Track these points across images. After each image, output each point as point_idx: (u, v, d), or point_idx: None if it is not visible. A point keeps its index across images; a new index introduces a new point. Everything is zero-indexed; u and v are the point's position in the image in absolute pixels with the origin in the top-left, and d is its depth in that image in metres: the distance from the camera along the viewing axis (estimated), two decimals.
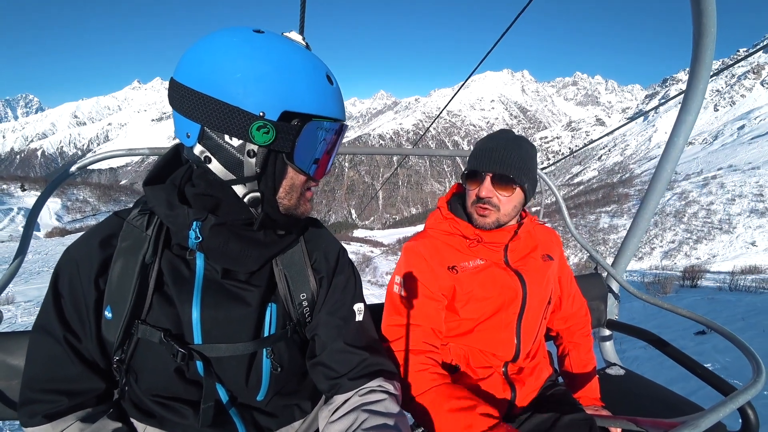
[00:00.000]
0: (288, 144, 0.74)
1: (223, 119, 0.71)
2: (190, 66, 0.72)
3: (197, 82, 0.71)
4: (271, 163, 0.76)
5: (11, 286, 9.73)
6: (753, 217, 52.40)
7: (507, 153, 1.15)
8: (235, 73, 0.70)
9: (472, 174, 1.21)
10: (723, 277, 11.03)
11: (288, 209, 0.83)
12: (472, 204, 1.21)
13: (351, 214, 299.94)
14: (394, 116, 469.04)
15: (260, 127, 0.70)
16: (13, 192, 41.71)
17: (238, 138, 0.73)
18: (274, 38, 0.75)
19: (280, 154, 0.76)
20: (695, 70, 1.42)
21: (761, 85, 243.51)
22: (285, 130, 0.72)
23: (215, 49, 0.71)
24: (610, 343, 1.96)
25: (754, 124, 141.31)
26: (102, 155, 1.53)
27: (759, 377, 0.93)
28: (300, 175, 0.80)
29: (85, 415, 0.80)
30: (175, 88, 0.73)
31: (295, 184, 0.81)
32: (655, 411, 1.46)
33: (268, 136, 0.71)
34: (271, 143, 0.72)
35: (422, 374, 1.09)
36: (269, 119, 0.71)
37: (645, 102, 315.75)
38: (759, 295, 8.02)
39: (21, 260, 1.40)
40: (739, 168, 70.62)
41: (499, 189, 1.17)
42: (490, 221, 1.19)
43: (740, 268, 12.90)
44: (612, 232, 63.50)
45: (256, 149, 0.74)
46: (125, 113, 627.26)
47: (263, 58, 0.71)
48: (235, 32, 0.73)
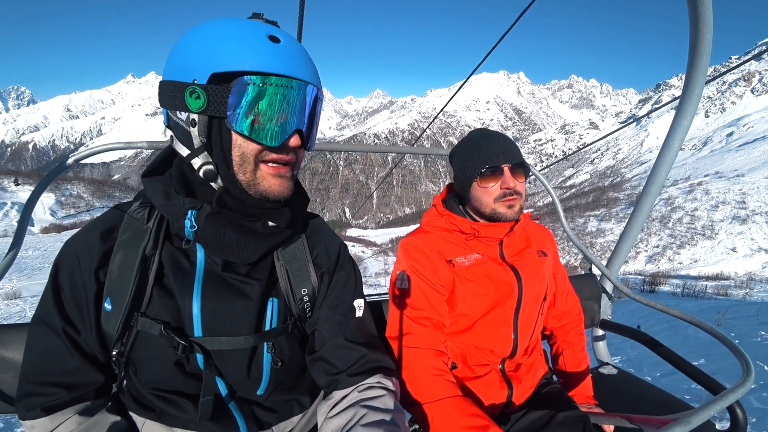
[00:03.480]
0: (222, 107, 0.71)
1: (168, 95, 0.74)
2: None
3: (164, 73, 0.76)
4: (216, 132, 0.75)
5: (15, 282, 9.90)
6: (735, 224, 53.43)
7: (510, 144, 1.21)
8: (176, 53, 0.74)
9: (490, 170, 1.19)
10: (688, 282, 11.59)
11: (248, 185, 0.78)
12: (497, 200, 1.20)
13: (345, 212, 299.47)
14: (389, 115, 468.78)
15: (191, 92, 0.70)
16: (7, 186, 41.05)
17: (181, 110, 0.74)
18: (217, 18, 0.76)
19: (222, 121, 0.73)
20: (691, 74, 1.44)
21: (751, 93, 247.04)
22: (215, 92, 0.70)
23: (180, 40, 0.75)
24: (603, 343, 1.98)
25: (743, 131, 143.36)
26: (99, 148, 1.52)
27: (748, 377, 0.94)
28: (249, 142, 0.75)
29: (83, 409, 0.79)
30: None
31: (246, 153, 0.75)
32: (647, 409, 1.48)
33: (200, 101, 0.70)
34: (206, 108, 0.71)
35: (437, 380, 1.07)
36: (199, 84, 0.71)
37: (638, 106, 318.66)
38: (704, 300, 8.60)
39: (15, 252, 1.38)
40: (724, 175, 71.87)
41: (518, 177, 1.21)
42: (517, 209, 1.22)
43: (715, 273, 13.47)
44: (599, 236, 64.25)
45: (197, 118, 0.74)
46: (119, 107, 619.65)
47: (199, 32, 0.73)
48: (203, 22, 0.76)
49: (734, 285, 12.22)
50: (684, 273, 17.61)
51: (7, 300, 8.47)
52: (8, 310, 7.67)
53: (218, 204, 0.79)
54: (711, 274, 14.09)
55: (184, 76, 0.72)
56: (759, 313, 5.92)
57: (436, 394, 1.05)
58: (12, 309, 7.75)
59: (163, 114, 0.80)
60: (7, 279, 10.26)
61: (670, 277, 14.48)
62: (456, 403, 1.03)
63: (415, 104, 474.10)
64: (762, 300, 8.80)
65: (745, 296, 10.57)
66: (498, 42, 4.04)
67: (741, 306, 6.84)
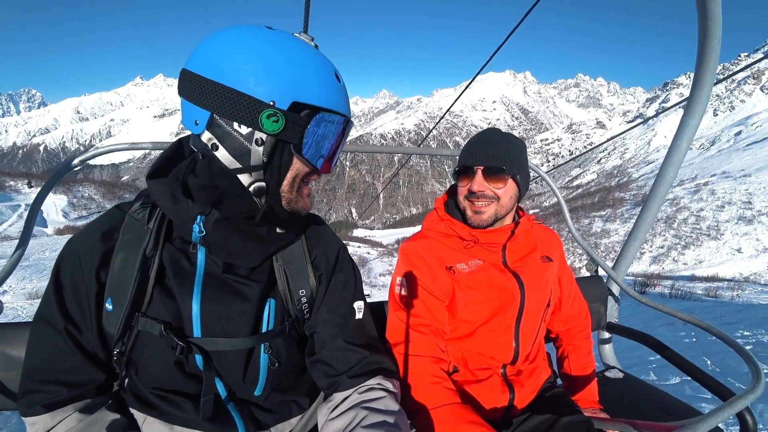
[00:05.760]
0: (296, 134, 0.75)
1: (234, 106, 0.72)
2: (202, 55, 0.73)
3: (209, 70, 0.72)
4: (278, 154, 0.77)
5: (36, 282, 10.24)
6: (740, 224, 52.66)
7: (496, 147, 1.18)
8: (247, 63, 0.71)
9: (464, 170, 1.21)
10: (681, 284, 11.56)
11: (289, 202, 0.82)
12: (465, 198, 1.22)
13: (351, 213, 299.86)
14: (396, 116, 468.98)
15: (270, 115, 0.71)
16: (20, 188, 41.60)
17: (248, 126, 0.73)
18: (285, 34, 0.77)
19: (288, 145, 0.76)
20: (700, 72, 1.41)
21: (761, 91, 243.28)
22: (294, 120, 0.73)
23: (228, 41, 0.73)
24: (609, 346, 1.95)
25: (751, 130, 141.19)
26: (104, 149, 1.53)
27: (758, 383, 0.92)
28: (305, 167, 0.80)
29: (83, 406, 0.80)
30: (186, 77, 0.74)
31: (298, 176, 0.81)
32: (653, 414, 1.45)
33: (278, 125, 0.72)
34: (280, 132, 0.73)
35: (436, 388, 1.06)
36: (279, 108, 0.72)
37: (646, 105, 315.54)
38: (690, 302, 8.55)
39: (22, 252, 1.41)
40: (731, 175, 70.93)
41: (492, 182, 1.17)
42: (485, 217, 1.19)
43: (710, 275, 13.40)
44: (604, 237, 63.60)
45: (265, 138, 0.75)
46: (127, 109, 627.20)
47: (274, 51, 0.73)
48: (248, 27, 0.75)
49: (725, 287, 12.15)
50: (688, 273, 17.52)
51: (30, 300, 8.94)
52: (33, 309, 8.04)
53: (263, 219, 0.82)
54: (706, 276, 13.99)
55: (257, 92, 0.71)
56: (723, 315, 6.11)
57: (435, 401, 1.04)
58: (36, 308, 8.12)
59: (190, 113, 0.75)
60: (27, 280, 10.83)
61: (664, 278, 14.44)
62: (454, 411, 1.02)
63: (422, 104, 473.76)
64: (745, 302, 8.90)
65: (734, 297, 10.60)
66: (504, 41, 4.02)
67: (714, 307, 7.06)
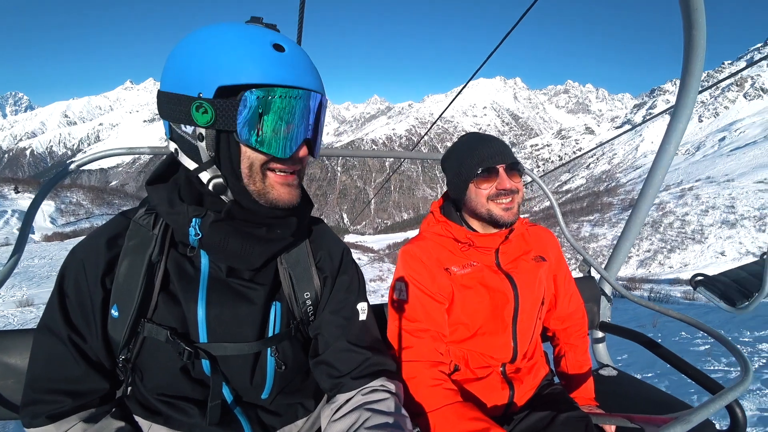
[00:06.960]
0: (231, 120, 0.70)
1: (173, 108, 0.72)
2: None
3: (162, 83, 0.74)
4: (224, 145, 0.74)
5: (26, 290, 10.15)
6: (724, 228, 53.74)
7: (501, 144, 1.22)
8: (176, 64, 0.71)
9: (486, 172, 1.19)
10: (661, 287, 11.87)
11: (259, 194, 0.78)
12: (488, 200, 1.19)
13: (343, 218, 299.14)
14: (387, 121, 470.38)
15: (198, 107, 0.69)
16: (7, 194, 40.54)
17: (187, 124, 0.72)
18: (214, 25, 0.73)
19: (232, 134, 0.72)
20: (686, 79, 1.48)
21: (744, 98, 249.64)
22: (222, 106, 0.69)
23: (172, 50, 0.73)
24: (602, 345, 1.99)
25: (735, 136, 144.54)
26: (102, 153, 1.53)
27: (746, 376, 0.96)
28: (256, 153, 0.74)
29: (88, 416, 0.80)
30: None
31: (254, 165, 0.75)
32: (648, 410, 1.49)
33: (208, 116, 0.69)
34: (214, 122, 0.70)
35: (436, 390, 1.08)
36: (206, 98, 0.69)
37: (633, 111, 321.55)
38: (667, 305, 8.80)
39: (17, 259, 1.39)
40: (715, 180, 72.49)
41: (513, 177, 1.21)
42: (516, 211, 1.21)
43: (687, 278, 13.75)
44: (593, 241, 64.42)
45: (205, 132, 0.72)
46: (117, 113, 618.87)
47: (196, 43, 0.70)
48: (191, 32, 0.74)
49: None
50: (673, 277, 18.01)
51: (20, 307, 8.79)
52: (23, 317, 7.88)
53: (227, 216, 0.79)
54: (687, 279, 14.44)
55: (187, 89, 0.70)
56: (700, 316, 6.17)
57: (436, 403, 1.05)
58: (27, 316, 7.98)
59: (165, 126, 0.78)
60: (17, 287, 10.57)
61: (646, 282, 14.89)
62: (455, 409, 1.04)
63: (413, 110, 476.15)
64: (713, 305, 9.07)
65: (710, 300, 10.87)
66: (495, 48, 4.09)
67: (686, 309, 7.22)
